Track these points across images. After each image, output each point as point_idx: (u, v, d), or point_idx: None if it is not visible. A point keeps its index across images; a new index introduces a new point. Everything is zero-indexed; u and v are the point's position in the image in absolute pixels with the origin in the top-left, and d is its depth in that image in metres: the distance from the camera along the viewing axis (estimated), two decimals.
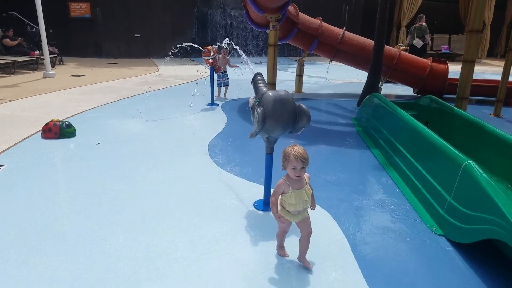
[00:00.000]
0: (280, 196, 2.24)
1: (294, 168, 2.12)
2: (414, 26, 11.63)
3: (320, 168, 4.04)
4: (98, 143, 4.61)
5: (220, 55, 7.33)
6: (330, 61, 8.33)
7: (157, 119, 5.91)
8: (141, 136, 5.02)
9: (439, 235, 2.76)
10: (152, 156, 4.27)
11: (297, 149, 2.13)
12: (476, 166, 2.73)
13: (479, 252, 2.54)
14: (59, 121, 4.83)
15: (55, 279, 2.17)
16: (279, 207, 2.26)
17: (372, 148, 4.76)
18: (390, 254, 2.52)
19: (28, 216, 2.86)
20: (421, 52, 11.02)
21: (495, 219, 2.24)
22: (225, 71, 7.56)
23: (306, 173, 2.23)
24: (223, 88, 7.73)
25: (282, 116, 2.66)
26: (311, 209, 2.32)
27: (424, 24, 11.38)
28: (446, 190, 2.94)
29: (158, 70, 11.56)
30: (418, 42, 11.38)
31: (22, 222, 2.77)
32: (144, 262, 2.35)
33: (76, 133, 4.88)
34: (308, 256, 2.35)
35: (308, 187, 2.22)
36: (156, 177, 3.69)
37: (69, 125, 4.84)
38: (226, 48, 7.19)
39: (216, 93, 7.59)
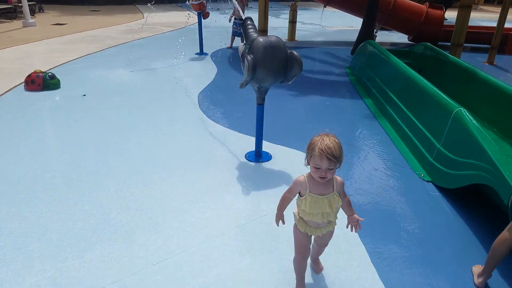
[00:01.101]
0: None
1: (317, 168, 1.52)
2: None
3: (311, 119, 4.06)
4: (84, 95, 4.47)
5: (235, 0, 6.86)
6: (324, 7, 7.99)
7: (144, 69, 5.71)
8: (128, 87, 4.88)
9: (427, 181, 2.82)
10: (140, 108, 4.17)
11: (326, 140, 1.48)
12: (467, 113, 2.72)
13: (465, 198, 2.60)
14: (42, 72, 4.64)
15: (47, 230, 2.18)
16: (296, 214, 1.73)
17: (364, 97, 4.71)
18: (378, 200, 2.58)
19: (16, 169, 2.82)
20: None
21: (482, 164, 2.27)
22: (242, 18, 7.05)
23: (338, 177, 1.64)
24: (237, 38, 7.15)
25: (273, 64, 2.57)
26: (353, 231, 1.69)
27: None
28: (436, 138, 2.95)
29: (144, 18, 11.02)
30: None
31: (10, 175, 2.74)
32: (136, 212, 2.37)
33: (61, 85, 4.72)
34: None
35: (336, 195, 1.62)
36: (145, 129, 3.63)
37: (53, 77, 4.66)
38: None
39: (228, 44, 7.27)
